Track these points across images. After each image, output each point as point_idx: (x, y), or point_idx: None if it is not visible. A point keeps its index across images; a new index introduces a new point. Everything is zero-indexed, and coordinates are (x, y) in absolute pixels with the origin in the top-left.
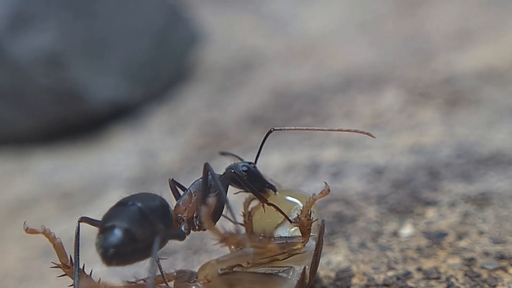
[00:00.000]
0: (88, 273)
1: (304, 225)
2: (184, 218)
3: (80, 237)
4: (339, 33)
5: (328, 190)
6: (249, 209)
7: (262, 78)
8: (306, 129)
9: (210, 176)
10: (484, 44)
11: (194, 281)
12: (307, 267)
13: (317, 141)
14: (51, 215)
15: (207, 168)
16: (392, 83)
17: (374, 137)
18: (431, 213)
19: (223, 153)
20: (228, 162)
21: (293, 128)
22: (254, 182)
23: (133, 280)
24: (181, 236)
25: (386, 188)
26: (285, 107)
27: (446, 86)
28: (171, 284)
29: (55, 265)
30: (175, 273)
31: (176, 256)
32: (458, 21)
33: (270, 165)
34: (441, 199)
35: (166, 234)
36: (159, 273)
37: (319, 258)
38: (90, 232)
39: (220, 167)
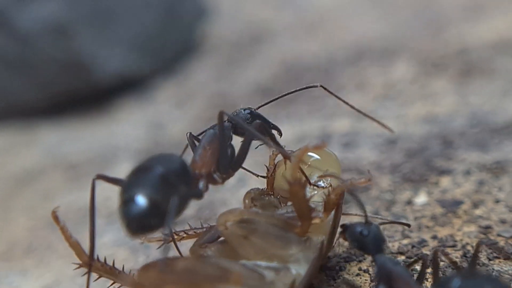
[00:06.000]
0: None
1: (330, 203)
2: (203, 173)
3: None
4: (349, 6)
5: (369, 180)
6: (275, 161)
7: (272, 51)
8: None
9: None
10: (497, 15)
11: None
12: (325, 239)
13: (327, 112)
14: (58, 186)
15: (222, 116)
16: (404, 54)
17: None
18: (445, 181)
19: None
20: None
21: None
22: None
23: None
24: (199, 195)
25: (400, 157)
26: (295, 79)
27: (459, 57)
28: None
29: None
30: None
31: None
32: None
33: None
34: (456, 167)
35: (185, 195)
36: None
37: (337, 230)
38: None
39: None
